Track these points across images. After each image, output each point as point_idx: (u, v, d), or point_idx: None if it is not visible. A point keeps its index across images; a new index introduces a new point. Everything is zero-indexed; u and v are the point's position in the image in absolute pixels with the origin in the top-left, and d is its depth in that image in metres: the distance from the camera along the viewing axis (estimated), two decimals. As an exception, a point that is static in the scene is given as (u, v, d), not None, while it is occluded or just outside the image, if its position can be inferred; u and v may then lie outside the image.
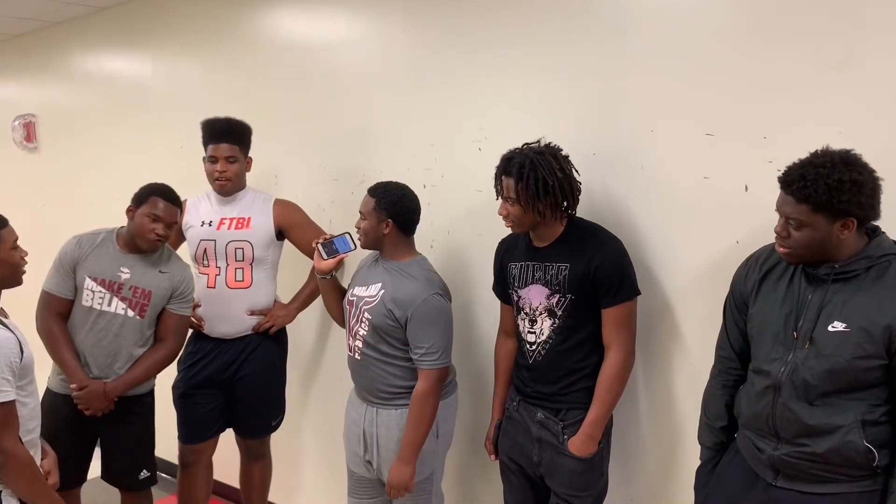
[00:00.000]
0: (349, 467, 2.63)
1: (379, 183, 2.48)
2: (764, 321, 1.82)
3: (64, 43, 4.42)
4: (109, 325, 2.65)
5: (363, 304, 2.43)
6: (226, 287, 2.88)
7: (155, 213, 2.61)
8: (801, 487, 1.76)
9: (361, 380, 2.50)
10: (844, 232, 1.66)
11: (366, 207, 2.44)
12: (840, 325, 1.67)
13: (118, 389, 2.65)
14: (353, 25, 3.01)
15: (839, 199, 1.61)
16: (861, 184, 1.62)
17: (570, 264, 2.17)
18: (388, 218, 2.40)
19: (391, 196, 2.42)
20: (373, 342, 2.41)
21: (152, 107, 3.91)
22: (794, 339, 1.74)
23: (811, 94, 1.95)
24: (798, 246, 1.70)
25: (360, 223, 2.46)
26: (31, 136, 4.77)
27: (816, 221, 1.65)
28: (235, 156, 2.86)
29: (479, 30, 2.59)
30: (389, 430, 2.43)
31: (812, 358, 1.71)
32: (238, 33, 3.42)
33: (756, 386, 1.82)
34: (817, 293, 1.73)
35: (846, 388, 1.68)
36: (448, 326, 2.39)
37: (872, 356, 1.64)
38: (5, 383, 1.94)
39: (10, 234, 2.14)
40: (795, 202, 1.67)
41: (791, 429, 1.75)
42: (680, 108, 2.17)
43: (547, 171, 2.11)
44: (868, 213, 1.66)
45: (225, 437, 3.09)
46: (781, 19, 1.98)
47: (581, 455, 2.18)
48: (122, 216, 2.71)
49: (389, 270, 2.44)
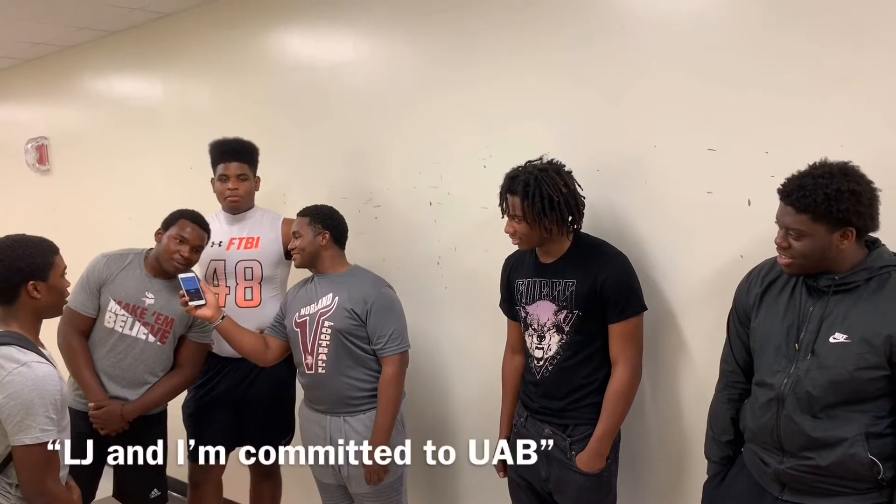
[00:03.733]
0: (319, 480, 2.72)
1: (307, 206, 2.63)
2: (766, 334, 1.82)
3: (75, 67, 4.48)
4: (129, 349, 2.67)
5: (320, 317, 2.52)
6: (235, 306, 2.89)
7: (182, 235, 2.64)
8: (807, 501, 1.75)
9: (326, 392, 2.57)
10: (844, 242, 1.67)
11: (299, 226, 2.59)
12: (841, 337, 1.68)
13: (135, 412, 2.68)
14: (360, 46, 3.05)
15: (838, 209, 1.63)
16: (859, 194, 1.64)
17: (576, 280, 2.18)
18: (325, 230, 2.57)
19: (322, 211, 2.61)
20: (336, 350, 2.51)
21: (163, 128, 3.96)
22: (795, 350, 1.75)
23: (813, 109, 1.96)
24: (799, 256, 1.71)
25: (294, 243, 2.58)
26: (44, 158, 4.83)
27: (816, 231, 1.67)
28: (245, 174, 2.90)
29: (484, 49, 2.62)
30: (360, 434, 2.52)
31: (814, 369, 1.71)
32: (247, 55, 3.46)
33: (759, 399, 1.82)
34: (818, 305, 1.73)
35: (849, 400, 1.68)
36: (402, 314, 2.58)
37: (874, 367, 1.65)
38: (49, 422, 1.87)
39: (61, 262, 2.06)
40: (795, 212, 1.68)
41: (795, 441, 1.74)
42: (682, 124, 2.19)
43: (551, 188, 2.12)
44: (867, 224, 1.67)
45: (235, 456, 3.10)
46: (783, 34, 2.00)
47: (589, 471, 2.17)
48: (134, 237, 2.74)
49: (334, 281, 2.57)
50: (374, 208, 3.02)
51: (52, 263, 2.01)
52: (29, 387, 1.84)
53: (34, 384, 1.85)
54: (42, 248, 2.01)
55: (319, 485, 2.74)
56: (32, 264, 1.96)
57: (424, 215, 2.86)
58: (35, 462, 1.87)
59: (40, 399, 1.85)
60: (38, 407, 1.84)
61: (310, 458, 2.61)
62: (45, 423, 1.86)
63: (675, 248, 2.24)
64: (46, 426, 1.86)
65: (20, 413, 1.83)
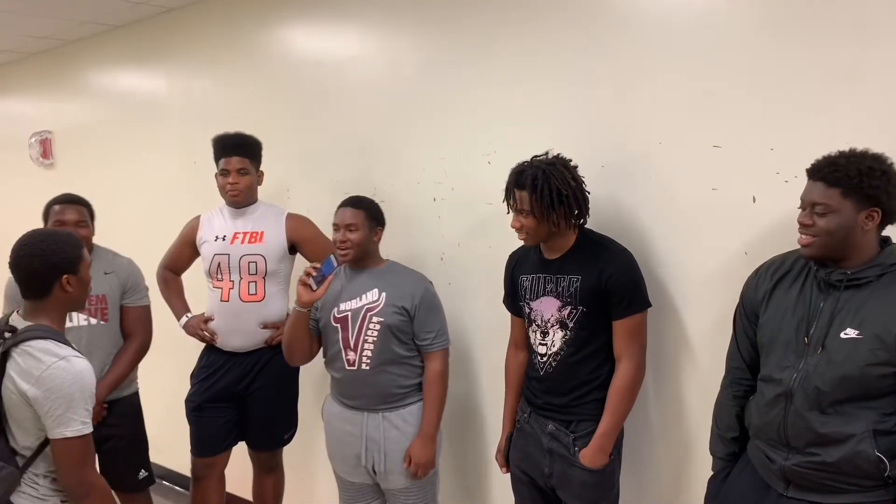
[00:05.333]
0: (344, 478, 2.68)
1: (354, 196, 2.59)
2: (775, 329, 1.82)
3: (79, 61, 4.49)
4: (78, 338, 2.67)
5: (367, 312, 2.49)
6: (239, 301, 2.90)
7: (60, 219, 2.72)
8: (812, 498, 1.75)
9: (366, 388, 2.54)
10: (869, 223, 1.66)
11: (355, 219, 2.51)
12: (853, 332, 1.67)
13: (102, 393, 2.70)
14: (365, 41, 3.05)
15: (869, 185, 1.63)
16: (890, 175, 1.65)
17: (581, 276, 2.18)
18: (379, 226, 2.56)
19: (374, 207, 2.58)
20: (384, 346, 2.48)
21: (167, 123, 3.96)
22: (805, 345, 1.74)
23: (818, 106, 1.96)
24: (823, 234, 1.69)
25: (348, 236, 2.50)
26: (48, 152, 4.84)
27: (844, 207, 1.66)
28: (246, 168, 2.90)
29: (488, 45, 2.62)
30: (399, 430, 2.51)
31: (824, 365, 1.71)
32: (251, 50, 3.46)
33: (766, 395, 1.82)
34: (829, 300, 1.73)
35: (858, 397, 1.68)
36: (443, 311, 2.59)
37: (885, 363, 1.64)
38: (87, 415, 1.93)
39: (87, 255, 2.11)
40: (826, 187, 1.68)
41: (802, 438, 1.74)
42: (688, 121, 2.19)
43: (560, 181, 2.13)
44: (893, 208, 1.67)
45: (238, 450, 3.11)
46: (788, 31, 2.00)
47: (592, 467, 2.18)
48: (138, 231, 2.75)
49: (376, 276, 2.55)
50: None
51: (82, 257, 2.05)
52: (69, 381, 1.89)
53: (74, 378, 1.90)
54: (72, 243, 2.05)
55: (343, 483, 2.69)
56: (65, 259, 2.00)
57: (428, 211, 2.86)
58: (75, 453, 1.93)
59: (80, 392, 1.90)
60: (78, 400, 1.90)
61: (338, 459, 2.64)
62: (84, 416, 1.92)
63: (679, 244, 2.24)
64: (86, 419, 1.93)
65: (62, 407, 1.88)
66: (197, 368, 3.04)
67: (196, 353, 3.08)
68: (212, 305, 2.96)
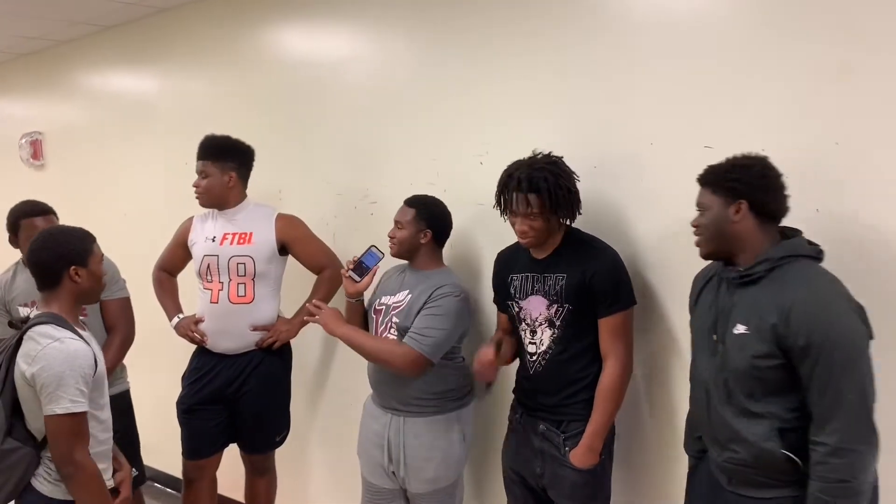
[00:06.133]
0: (367, 479, 2.62)
1: (416, 195, 2.54)
2: (697, 330, 1.93)
3: (71, 62, 4.48)
4: None
5: (392, 310, 2.48)
6: (228, 302, 2.89)
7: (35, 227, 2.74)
8: (746, 492, 1.80)
9: (390, 389, 2.51)
10: (737, 216, 1.74)
11: (404, 217, 2.49)
12: (742, 328, 1.74)
13: None
14: (358, 42, 3.05)
15: (731, 178, 1.74)
16: (749, 166, 1.75)
17: (566, 274, 2.19)
18: (428, 228, 2.48)
19: (431, 208, 2.51)
20: None
21: (158, 124, 3.95)
22: (714, 343, 1.82)
23: (808, 106, 1.97)
24: (704, 231, 1.82)
25: (394, 232, 2.50)
26: (38, 153, 4.82)
27: (714, 203, 1.78)
28: (206, 171, 2.90)
29: (481, 46, 2.62)
30: (418, 438, 2.46)
31: (726, 360, 1.77)
32: (243, 51, 3.46)
33: (694, 392, 1.91)
34: (732, 298, 1.79)
35: (761, 392, 1.73)
36: (454, 325, 2.39)
37: (767, 356, 1.69)
38: (79, 394, 1.99)
39: (98, 250, 2.22)
40: (701, 188, 1.83)
41: (723, 434, 1.81)
42: (679, 121, 2.19)
43: (568, 180, 2.16)
44: (760, 198, 1.74)
45: (229, 452, 3.10)
46: (779, 31, 2.00)
47: (582, 466, 2.18)
48: (129, 232, 2.74)
49: (418, 278, 2.50)
50: (370, 205, 3.02)
51: (91, 251, 2.18)
52: (60, 360, 1.99)
53: (65, 357, 2.00)
54: (81, 237, 2.20)
55: (367, 486, 2.63)
56: (73, 251, 2.14)
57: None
58: (65, 431, 2.00)
59: (71, 371, 1.99)
60: (68, 378, 1.98)
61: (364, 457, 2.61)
62: (75, 395, 1.98)
63: (670, 244, 2.24)
64: (77, 398, 1.99)
65: (52, 384, 1.97)
66: (188, 371, 3.02)
67: (188, 355, 3.06)
68: (202, 307, 2.94)
